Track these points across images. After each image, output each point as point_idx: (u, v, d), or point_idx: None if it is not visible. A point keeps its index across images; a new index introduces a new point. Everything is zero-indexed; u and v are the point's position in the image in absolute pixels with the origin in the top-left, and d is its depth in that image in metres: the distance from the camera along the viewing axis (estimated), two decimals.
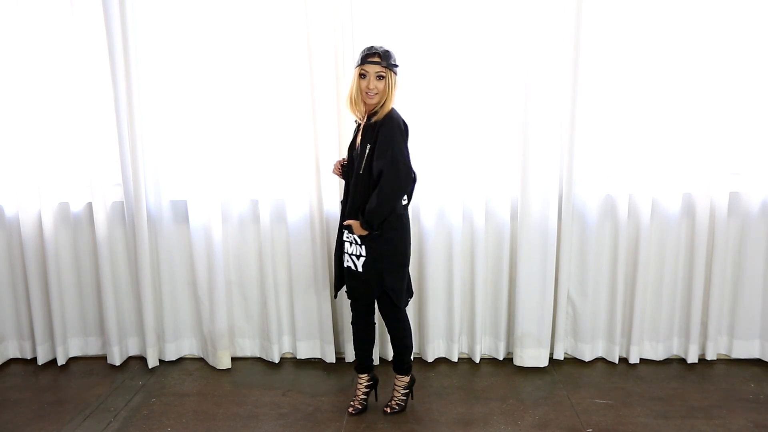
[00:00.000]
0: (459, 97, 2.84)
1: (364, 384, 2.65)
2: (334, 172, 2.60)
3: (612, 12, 2.75)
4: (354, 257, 2.42)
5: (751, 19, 2.76)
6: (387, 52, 2.31)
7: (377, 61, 2.28)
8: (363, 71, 2.30)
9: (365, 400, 2.65)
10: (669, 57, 2.80)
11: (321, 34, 2.78)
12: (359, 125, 2.43)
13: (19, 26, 2.85)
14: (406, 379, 2.62)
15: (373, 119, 2.34)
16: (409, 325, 2.57)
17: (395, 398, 2.63)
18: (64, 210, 3.09)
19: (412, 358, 2.66)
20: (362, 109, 2.38)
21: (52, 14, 2.88)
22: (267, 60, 2.87)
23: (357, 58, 2.35)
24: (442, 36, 2.81)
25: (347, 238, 2.43)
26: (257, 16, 2.86)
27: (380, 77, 2.29)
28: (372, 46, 2.32)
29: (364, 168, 2.35)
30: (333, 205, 2.96)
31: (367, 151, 2.34)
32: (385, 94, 2.31)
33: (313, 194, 2.93)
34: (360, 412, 2.61)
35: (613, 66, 2.80)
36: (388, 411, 2.61)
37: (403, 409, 2.62)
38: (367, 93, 2.30)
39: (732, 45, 2.75)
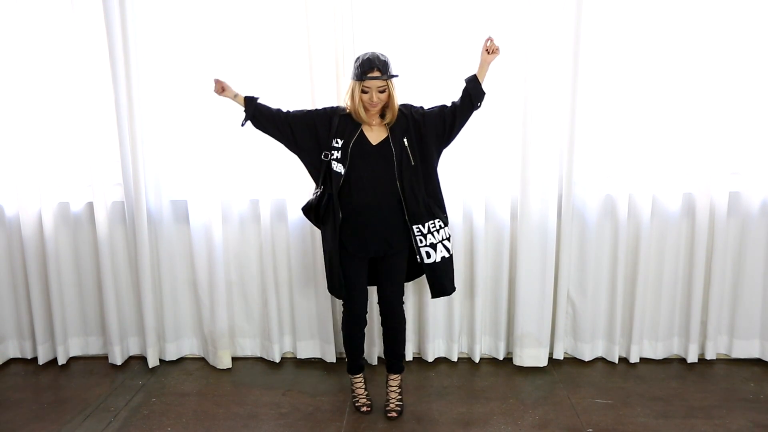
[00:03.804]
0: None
1: (363, 383, 2.71)
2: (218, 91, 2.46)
3: (612, 12, 2.75)
4: (447, 242, 2.45)
5: (751, 19, 2.76)
6: (385, 62, 2.29)
7: (378, 75, 2.26)
8: (365, 88, 2.28)
9: (370, 397, 2.69)
10: (669, 57, 2.80)
11: (321, 34, 2.78)
12: (351, 124, 2.40)
13: (20, 26, 2.85)
14: (400, 378, 2.68)
15: (388, 120, 2.38)
16: None
17: (395, 399, 2.63)
18: (64, 210, 3.09)
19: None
20: (366, 115, 2.37)
21: (53, 14, 2.88)
22: (267, 60, 2.87)
23: (355, 69, 2.31)
24: (442, 35, 2.81)
25: (433, 226, 2.41)
26: (257, 16, 2.86)
27: (382, 90, 2.30)
28: (369, 59, 2.27)
29: (414, 159, 2.39)
30: None
31: (407, 143, 2.38)
32: (389, 100, 2.33)
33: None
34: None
35: (613, 66, 2.80)
36: (395, 415, 2.57)
37: (402, 411, 2.61)
38: (370, 105, 2.32)
39: (732, 45, 2.75)
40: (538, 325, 2.99)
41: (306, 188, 2.94)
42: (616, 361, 3.05)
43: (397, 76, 2.34)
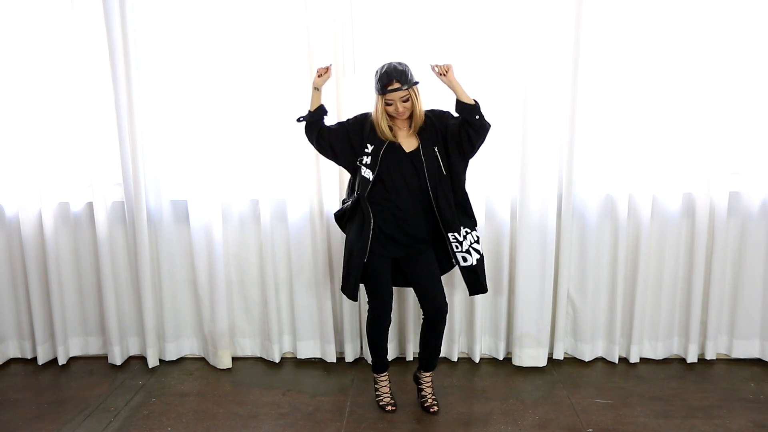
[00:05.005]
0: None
1: (388, 381, 2.68)
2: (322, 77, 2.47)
3: (612, 12, 2.75)
4: (477, 246, 2.48)
5: (751, 19, 2.76)
6: (404, 71, 2.30)
7: (398, 87, 2.28)
8: (388, 100, 2.31)
9: (394, 396, 2.68)
10: (669, 57, 2.80)
11: (321, 34, 2.79)
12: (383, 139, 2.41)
13: (20, 26, 2.85)
14: (431, 374, 2.69)
15: (414, 128, 2.41)
16: None
17: (431, 395, 2.65)
18: (64, 210, 3.09)
19: None
20: (387, 131, 2.40)
21: (53, 14, 2.88)
22: (267, 60, 2.87)
23: (375, 84, 2.33)
24: (441, 36, 2.81)
25: (464, 234, 2.44)
26: (257, 16, 2.86)
27: (406, 99, 2.32)
28: (387, 72, 2.29)
29: (444, 169, 2.41)
30: (333, 205, 2.96)
31: (437, 152, 2.40)
32: (415, 106, 2.35)
33: (314, 194, 2.93)
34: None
35: (613, 66, 2.80)
36: (436, 409, 2.61)
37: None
38: (397, 115, 2.35)
39: (732, 45, 2.75)
40: (537, 325, 2.99)
41: (306, 188, 2.95)
42: (616, 361, 3.05)
43: (418, 83, 2.35)
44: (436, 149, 2.41)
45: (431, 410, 2.59)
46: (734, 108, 2.82)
